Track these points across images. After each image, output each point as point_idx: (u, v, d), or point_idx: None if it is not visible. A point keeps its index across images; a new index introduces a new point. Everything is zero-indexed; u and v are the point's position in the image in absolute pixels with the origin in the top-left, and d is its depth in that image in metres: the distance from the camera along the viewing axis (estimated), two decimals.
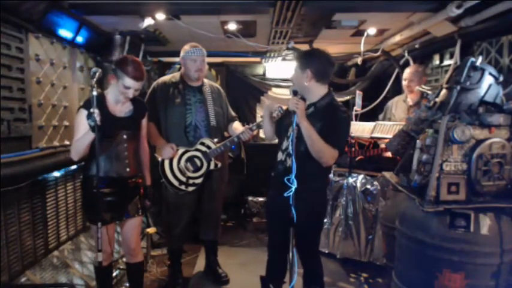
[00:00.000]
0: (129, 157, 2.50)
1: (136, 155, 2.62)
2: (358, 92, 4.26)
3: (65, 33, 3.14)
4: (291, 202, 2.08)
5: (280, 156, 2.44)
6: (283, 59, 5.03)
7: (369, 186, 3.53)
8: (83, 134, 2.32)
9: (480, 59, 2.18)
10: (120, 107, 2.48)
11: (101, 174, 2.32)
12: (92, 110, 2.18)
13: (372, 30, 3.84)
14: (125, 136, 2.47)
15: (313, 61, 2.32)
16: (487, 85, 2.18)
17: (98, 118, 2.16)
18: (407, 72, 3.65)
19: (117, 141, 2.45)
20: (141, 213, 2.61)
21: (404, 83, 3.67)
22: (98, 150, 2.23)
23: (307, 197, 2.25)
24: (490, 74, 2.18)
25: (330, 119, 2.29)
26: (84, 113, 2.36)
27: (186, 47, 3.08)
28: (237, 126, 3.26)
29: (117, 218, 2.50)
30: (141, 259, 2.67)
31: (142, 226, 3.58)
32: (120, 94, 2.40)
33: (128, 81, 2.34)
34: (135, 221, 2.57)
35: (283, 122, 2.53)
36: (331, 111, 2.33)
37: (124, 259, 2.85)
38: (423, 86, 3.54)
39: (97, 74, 2.22)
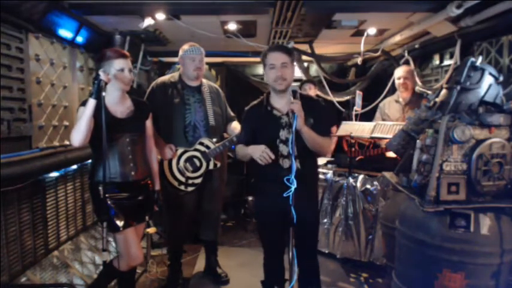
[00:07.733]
0: (134, 160, 2.41)
1: (144, 158, 2.56)
2: (358, 92, 4.27)
3: (65, 33, 3.14)
4: (290, 202, 2.08)
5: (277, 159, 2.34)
6: None
7: (369, 186, 3.53)
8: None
9: (480, 59, 2.18)
10: (121, 108, 2.40)
11: (106, 180, 2.24)
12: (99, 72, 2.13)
13: (372, 30, 3.84)
14: (128, 139, 2.39)
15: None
16: (487, 85, 2.17)
17: (105, 78, 2.11)
18: (403, 71, 3.70)
19: (120, 144, 2.36)
20: (148, 218, 2.57)
21: (399, 81, 3.70)
22: (104, 145, 2.14)
23: (306, 197, 2.27)
24: (490, 74, 2.18)
25: (315, 112, 2.33)
26: (82, 108, 2.25)
27: (185, 47, 3.08)
28: (235, 126, 3.25)
29: (131, 221, 2.40)
30: (142, 260, 2.65)
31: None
32: (120, 83, 2.31)
33: (117, 62, 2.29)
34: (139, 227, 2.54)
35: (264, 129, 2.38)
36: (311, 103, 2.38)
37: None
38: (424, 86, 3.55)
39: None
